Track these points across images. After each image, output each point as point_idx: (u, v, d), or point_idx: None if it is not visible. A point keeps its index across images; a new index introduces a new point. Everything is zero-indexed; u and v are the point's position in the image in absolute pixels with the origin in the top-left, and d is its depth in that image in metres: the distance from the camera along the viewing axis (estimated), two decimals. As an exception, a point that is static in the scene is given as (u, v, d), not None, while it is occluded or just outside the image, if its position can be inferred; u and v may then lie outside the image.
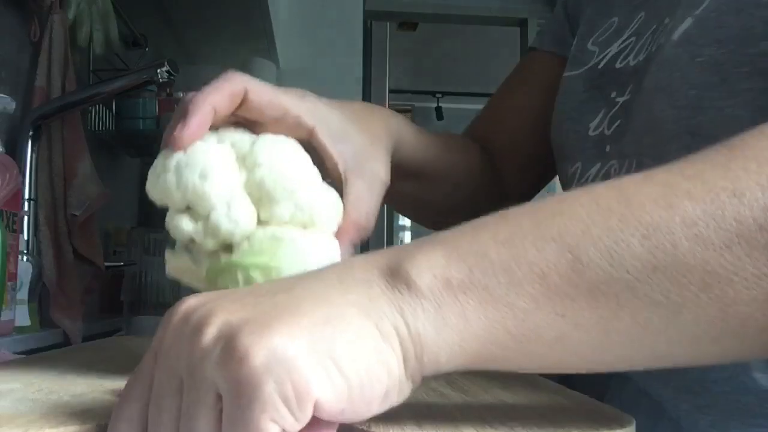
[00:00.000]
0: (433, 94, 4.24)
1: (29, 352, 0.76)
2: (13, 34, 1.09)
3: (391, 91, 2.54)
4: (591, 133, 0.62)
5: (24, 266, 0.98)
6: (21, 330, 0.95)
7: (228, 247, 0.43)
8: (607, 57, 0.63)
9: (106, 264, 1.22)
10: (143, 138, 1.53)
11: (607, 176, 0.59)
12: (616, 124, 0.60)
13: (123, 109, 1.47)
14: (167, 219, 0.45)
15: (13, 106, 0.93)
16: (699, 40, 0.49)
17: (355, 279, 0.31)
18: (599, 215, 0.30)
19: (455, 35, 3.43)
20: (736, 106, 0.47)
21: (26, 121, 1.07)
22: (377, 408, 0.30)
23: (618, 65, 0.61)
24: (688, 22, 0.50)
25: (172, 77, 1.15)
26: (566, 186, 0.66)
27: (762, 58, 0.46)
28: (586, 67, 0.65)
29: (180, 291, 1.53)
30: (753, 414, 0.49)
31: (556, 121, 0.68)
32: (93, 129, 1.38)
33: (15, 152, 1.05)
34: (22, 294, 0.97)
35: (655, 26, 0.57)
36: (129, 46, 1.56)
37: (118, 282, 1.45)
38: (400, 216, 3.50)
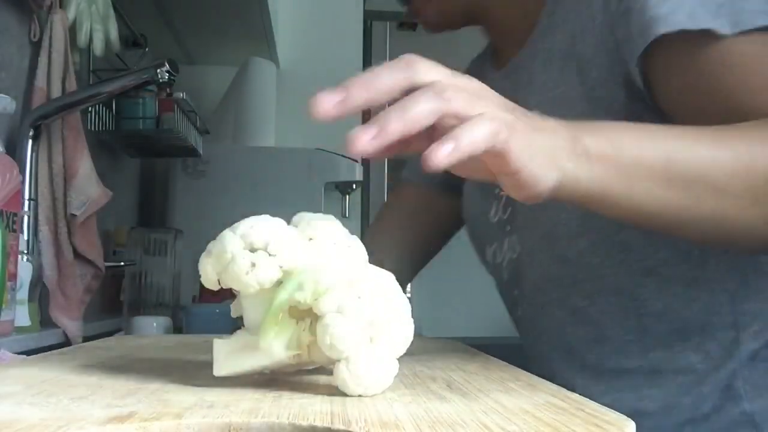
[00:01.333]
0: (433, 93, 4.23)
1: (29, 352, 0.76)
2: (13, 34, 1.09)
3: (391, 91, 2.54)
4: (492, 221, 0.85)
5: (24, 266, 0.98)
6: (21, 330, 0.95)
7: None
8: None
9: (106, 264, 1.22)
10: (143, 138, 1.53)
11: (514, 248, 0.82)
12: (509, 210, 0.82)
13: (123, 109, 1.47)
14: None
15: (13, 106, 0.93)
16: None
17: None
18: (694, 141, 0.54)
19: (455, 35, 3.43)
20: None
21: (26, 121, 1.07)
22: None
23: None
24: None
25: (172, 77, 1.15)
26: (489, 263, 0.89)
27: None
28: None
29: (180, 291, 1.53)
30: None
31: (467, 219, 0.93)
32: (93, 129, 1.38)
33: (15, 152, 1.05)
34: (22, 294, 0.97)
35: None
36: (129, 46, 1.56)
37: (118, 282, 1.46)
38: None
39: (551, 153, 0.48)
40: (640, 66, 0.64)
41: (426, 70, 0.46)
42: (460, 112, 0.44)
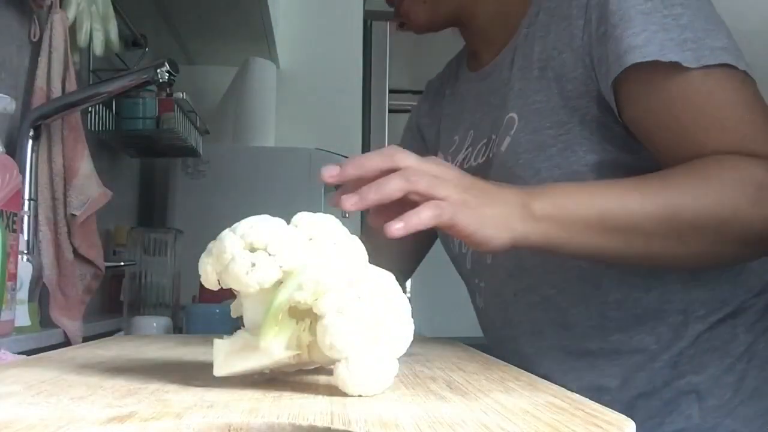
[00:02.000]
0: (433, 93, 4.24)
1: (29, 352, 0.76)
2: (13, 34, 1.09)
3: (391, 91, 2.54)
4: None
5: (24, 266, 0.98)
6: (21, 330, 0.95)
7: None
8: (457, 162, 0.93)
9: (106, 264, 1.22)
10: (143, 138, 1.53)
11: None
12: None
13: (123, 109, 1.47)
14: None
15: (13, 106, 0.93)
16: (517, 149, 0.80)
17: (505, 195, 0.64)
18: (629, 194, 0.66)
19: (455, 35, 3.42)
20: (541, 183, 0.78)
21: (26, 121, 1.07)
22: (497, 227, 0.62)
23: (465, 167, 0.90)
24: (507, 140, 0.82)
25: (172, 77, 1.15)
26: (455, 253, 0.94)
27: (553, 158, 0.78)
28: None
29: (180, 291, 1.53)
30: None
31: None
32: (93, 129, 1.38)
33: (15, 152, 1.05)
34: (22, 294, 0.97)
35: (485, 140, 0.88)
36: (129, 46, 1.56)
37: (118, 282, 1.46)
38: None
39: (502, 219, 0.61)
40: (613, 88, 0.72)
41: (402, 158, 0.60)
42: (421, 192, 0.59)
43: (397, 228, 0.57)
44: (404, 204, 0.59)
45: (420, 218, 0.57)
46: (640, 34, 0.69)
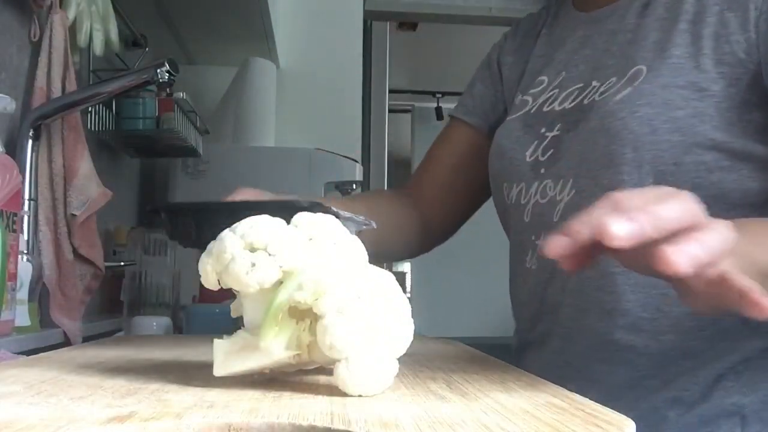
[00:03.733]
0: (433, 94, 4.23)
1: (29, 352, 0.76)
2: (13, 34, 1.09)
3: (391, 91, 2.54)
4: (528, 159, 0.82)
5: (24, 266, 0.98)
6: (21, 330, 0.95)
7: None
8: (537, 104, 0.85)
9: (106, 264, 1.22)
10: (143, 138, 1.53)
11: (544, 192, 0.79)
12: (549, 152, 0.80)
13: (123, 109, 1.47)
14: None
15: (13, 106, 0.93)
16: (637, 102, 0.71)
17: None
18: None
19: (455, 35, 3.43)
20: (657, 149, 0.70)
21: (26, 121, 1.07)
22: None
23: (545, 109, 0.83)
24: (628, 90, 0.72)
25: (172, 77, 1.15)
26: (509, 204, 0.86)
27: (677, 121, 0.69)
28: (522, 112, 0.86)
29: (180, 291, 1.52)
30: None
31: (496, 153, 0.89)
32: (93, 129, 1.38)
33: (15, 152, 1.05)
34: (22, 294, 0.97)
35: (581, 85, 0.80)
36: (129, 46, 1.56)
37: (118, 282, 1.45)
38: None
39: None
40: None
41: (703, 219, 0.45)
42: (713, 261, 0.44)
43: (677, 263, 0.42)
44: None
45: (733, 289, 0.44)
46: None
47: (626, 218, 0.42)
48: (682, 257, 0.42)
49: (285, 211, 0.48)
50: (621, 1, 0.82)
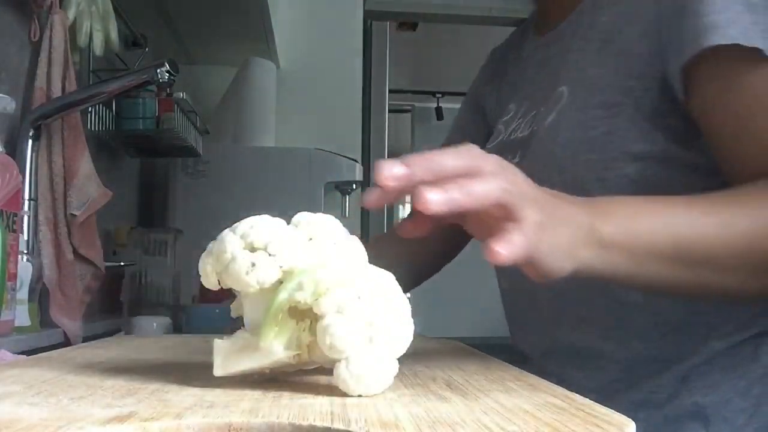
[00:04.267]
0: (433, 94, 4.23)
1: (29, 352, 0.76)
2: (13, 34, 1.09)
3: (391, 91, 2.54)
4: None
5: (24, 266, 0.98)
6: (21, 330, 0.95)
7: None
8: (508, 133, 0.87)
9: (106, 264, 1.22)
10: (143, 138, 1.53)
11: None
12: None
13: (123, 109, 1.47)
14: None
15: (13, 106, 0.93)
16: (558, 127, 0.74)
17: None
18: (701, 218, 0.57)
19: (455, 35, 3.43)
20: (578, 169, 0.72)
21: (26, 121, 1.07)
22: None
23: (512, 137, 0.85)
24: (553, 115, 0.76)
25: (172, 77, 1.15)
26: None
27: (593, 140, 0.71)
28: (496, 142, 0.88)
29: (180, 291, 1.52)
30: None
31: None
32: (93, 129, 1.38)
33: (15, 152, 1.05)
34: (22, 294, 0.97)
35: (534, 112, 0.82)
36: (129, 46, 1.56)
37: (118, 282, 1.46)
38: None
39: (569, 246, 0.51)
40: (683, 71, 0.64)
41: (487, 162, 0.49)
42: (509, 207, 0.48)
43: (500, 254, 0.46)
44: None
45: (514, 251, 0.46)
46: (723, 12, 0.61)
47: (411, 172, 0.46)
48: (434, 196, 0.45)
49: None
50: (564, 23, 0.82)
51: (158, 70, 1.13)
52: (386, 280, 0.47)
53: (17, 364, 0.57)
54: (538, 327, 0.83)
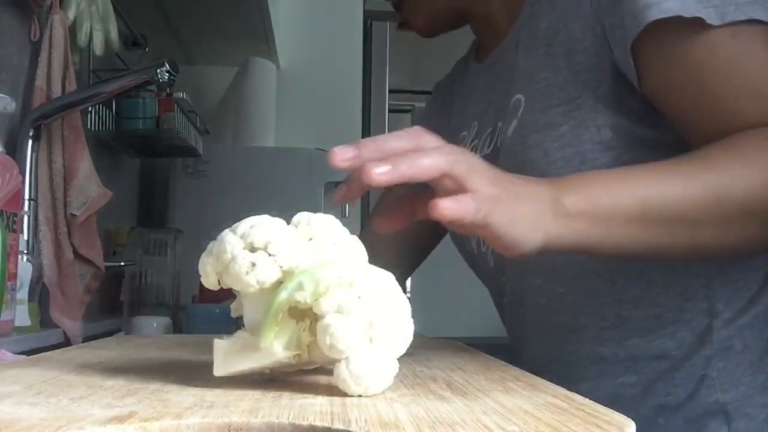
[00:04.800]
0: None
1: (29, 352, 0.76)
2: (13, 34, 1.09)
3: (391, 91, 2.54)
4: None
5: (24, 266, 0.98)
6: (21, 330, 0.95)
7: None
8: None
9: (106, 264, 1.22)
10: (143, 138, 1.53)
11: None
12: None
13: (123, 109, 1.47)
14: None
15: (13, 106, 0.93)
16: (523, 132, 0.75)
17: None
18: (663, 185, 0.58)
19: (455, 35, 3.43)
20: (555, 167, 0.72)
21: (26, 121, 1.07)
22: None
23: None
24: (515, 123, 0.77)
25: (172, 77, 1.15)
26: (474, 255, 0.89)
27: (563, 136, 0.72)
28: None
29: (180, 291, 1.52)
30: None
31: None
32: (93, 129, 1.38)
33: (15, 152, 1.05)
34: (22, 294, 0.97)
35: (491, 128, 0.84)
36: (129, 46, 1.56)
37: (118, 282, 1.46)
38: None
39: (534, 218, 0.53)
40: (632, 53, 0.65)
41: (430, 140, 0.52)
42: (459, 176, 0.50)
43: (442, 209, 0.49)
44: (413, 203, 0.54)
45: (460, 209, 0.49)
46: None
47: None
48: (380, 169, 0.48)
49: None
50: (503, 41, 0.84)
51: (158, 70, 1.13)
52: (386, 280, 0.47)
53: (17, 364, 0.57)
54: (535, 341, 0.83)
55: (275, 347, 0.44)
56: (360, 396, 0.43)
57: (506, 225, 0.51)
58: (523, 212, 0.53)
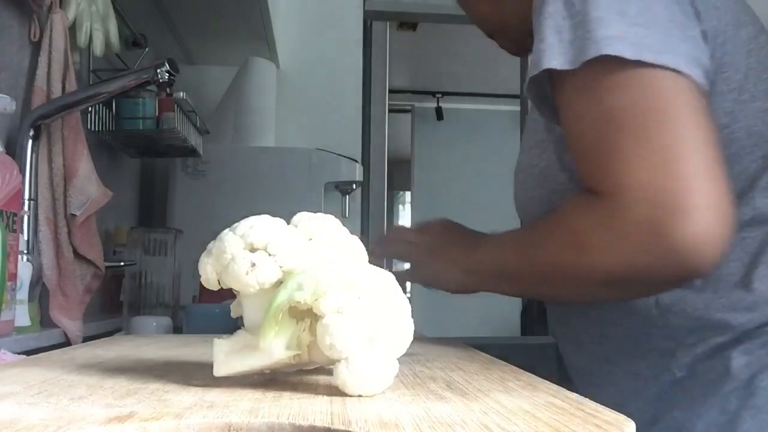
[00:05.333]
0: (433, 94, 4.24)
1: (29, 352, 0.76)
2: (13, 34, 1.09)
3: (391, 91, 2.54)
4: None
5: (24, 266, 0.98)
6: (21, 330, 0.95)
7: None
8: None
9: (106, 264, 1.22)
10: (143, 138, 1.53)
11: None
12: None
13: (123, 109, 1.47)
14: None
15: (13, 106, 0.93)
16: (518, 174, 0.84)
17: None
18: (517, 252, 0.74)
19: (455, 35, 3.43)
20: (528, 200, 0.85)
21: (26, 121, 1.07)
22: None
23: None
24: (517, 165, 0.86)
25: (172, 77, 1.15)
26: None
27: (533, 168, 0.81)
28: None
29: (180, 291, 1.52)
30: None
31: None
32: (93, 129, 1.38)
33: (15, 152, 1.05)
34: (22, 294, 0.97)
35: None
36: (129, 46, 1.56)
37: (118, 282, 1.46)
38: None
39: (447, 274, 0.81)
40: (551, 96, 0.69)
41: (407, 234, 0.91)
42: (405, 258, 0.89)
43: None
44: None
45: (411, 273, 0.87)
46: (541, 41, 0.64)
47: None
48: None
49: None
50: None
51: (158, 70, 1.13)
52: (386, 280, 0.47)
53: (17, 364, 0.57)
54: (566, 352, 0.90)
55: (275, 347, 0.44)
56: (360, 396, 0.43)
57: (428, 278, 0.85)
58: (439, 269, 0.82)
